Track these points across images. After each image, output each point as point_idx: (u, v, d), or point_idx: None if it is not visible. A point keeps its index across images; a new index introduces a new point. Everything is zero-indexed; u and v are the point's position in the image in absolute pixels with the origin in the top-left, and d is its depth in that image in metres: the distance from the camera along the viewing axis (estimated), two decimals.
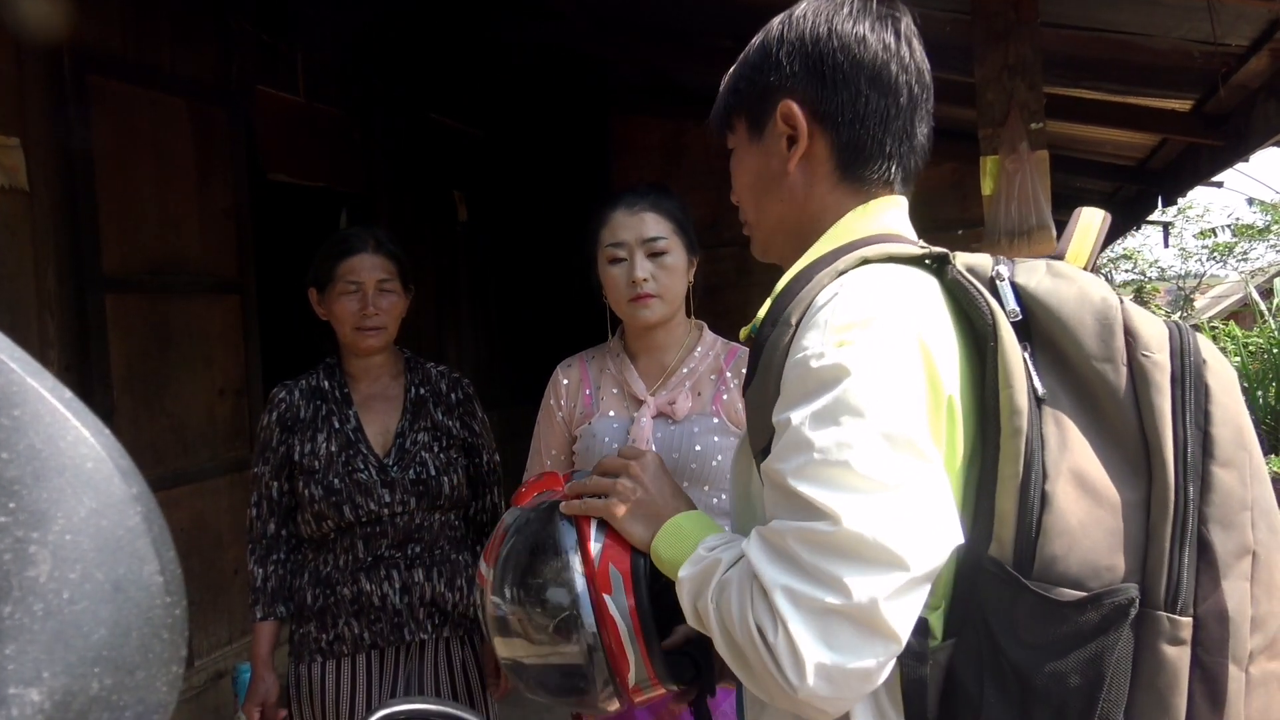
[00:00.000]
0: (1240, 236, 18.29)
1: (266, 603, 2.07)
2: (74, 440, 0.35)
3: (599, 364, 1.96)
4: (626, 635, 1.12)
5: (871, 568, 0.80)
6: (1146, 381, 0.86)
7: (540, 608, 1.16)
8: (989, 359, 0.88)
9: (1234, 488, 0.84)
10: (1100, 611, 0.81)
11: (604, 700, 1.17)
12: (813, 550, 0.82)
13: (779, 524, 0.86)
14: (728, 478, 1.80)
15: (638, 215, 1.84)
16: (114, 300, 3.22)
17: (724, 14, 4.21)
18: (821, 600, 0.81)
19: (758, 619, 0.85)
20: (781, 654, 0.82)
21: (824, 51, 1.03)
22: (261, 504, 2.10)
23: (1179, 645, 0.82)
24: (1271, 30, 3.00)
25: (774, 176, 1.08)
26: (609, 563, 1.13)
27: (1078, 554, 0.82)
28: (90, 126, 3.12)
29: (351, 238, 2.14)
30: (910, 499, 0.82)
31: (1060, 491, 0.83)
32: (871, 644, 0.80)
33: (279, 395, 2.12)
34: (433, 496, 2.07)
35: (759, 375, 0.96)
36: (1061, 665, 0.80)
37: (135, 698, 0.35)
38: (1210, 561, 0.83)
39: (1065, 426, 0.86)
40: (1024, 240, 2.55)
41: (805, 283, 0.96)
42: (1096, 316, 0.88)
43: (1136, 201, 6.11)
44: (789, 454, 0.86)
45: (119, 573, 0.35)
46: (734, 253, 5.74)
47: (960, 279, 0.93)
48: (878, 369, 0.85)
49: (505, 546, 1.23)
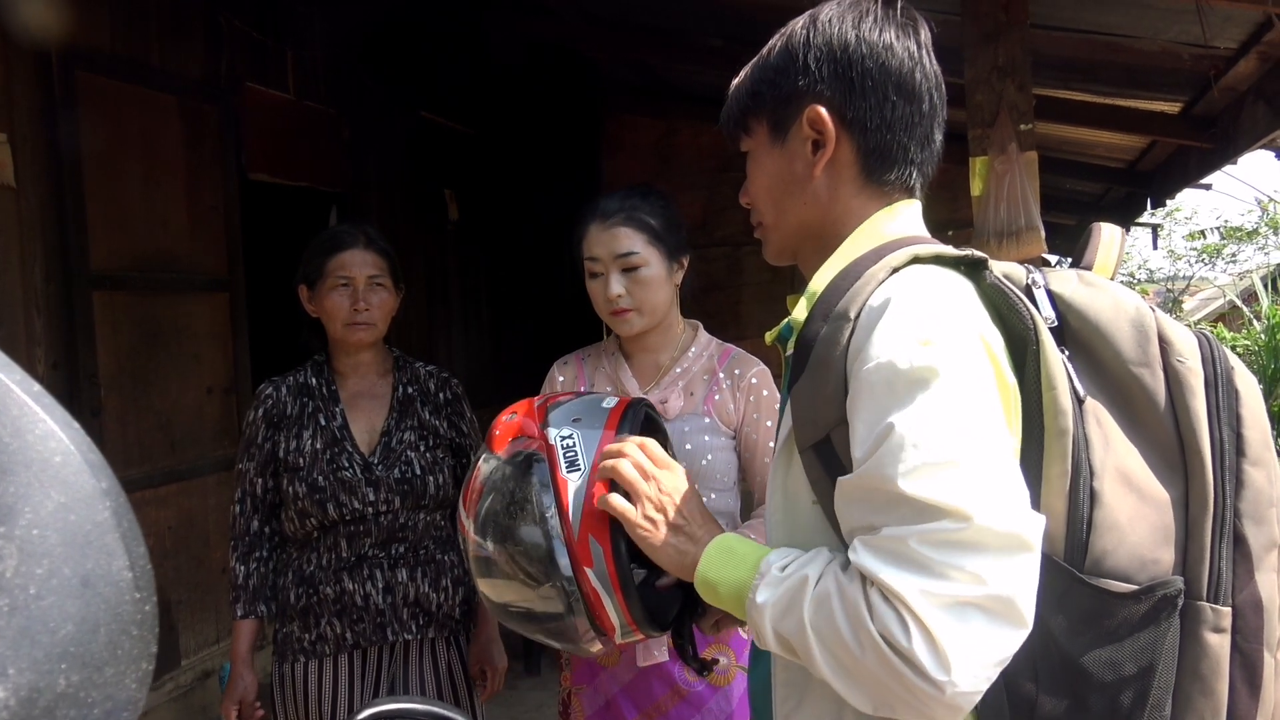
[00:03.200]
0: (1228, 239, 18.36)
1: (248, 601, 2.06)
2: (42, 434, 0.35)
3: (594, 362, 1.96)
4: (609, 602, 1.16)
5: (1005, 556, 0.82)
6: (1182, 386, 0.91)
7: (522, 571, 1.19)
8: (1029, 362, 0.91)
9: (1264, 486, 0.91)
10: (1150, 603, 0.86)
11: (586, 644, 1.23)
12: (943, 550, 0.82)
13: (894, 530, 0.85)
14: (717, 477, 1.81)
15: (610, 230, 1.80)
16: (102, 297, 3.20)
17: (713, 13, 4.22)
18: (960, 596, 0.81)
19: (881, 627, 0.83)
20: (921, 656, 0.81)
21: (853, 58, 1.04)
22: (245, 500, 2.09)
23: (1221, 634, 0.88)
24: (1260, 33, 3.01)
25: (797, 180, 1.08)
26: (588, 534, 1.14)
27: (1126, 548, 0.87)
28: (78, 123, 3.10)
29: (342, 234, 2.12)
30: (1017, 485, 0.85)
31: (1108, 489, 0.88)
32: (1006, 631, 0.82)
33: (266, 391, 2.11)
34: (417, 496, 2.06)
35: (810, 372, 0.96)
36: (1115, 654, 0.85)
37: (104, 694, 0.35)
38: (1245, 554, 0.90)
39: (1107, 426, 0.90)
40: (1012, 241, 2.55)
41: (853, 279, 0.97)
42: (1133, 323, 0.93)
43: (1125, 203, 6.13)
44: (895, 458, 0.85)
45: (87, 568, 0.35)
46: (724, 253, 5.75)
47: (999, 284, 0.95)
48: (964, 367, 0.87)
49: (484, 503, 1.24)
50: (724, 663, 1.82)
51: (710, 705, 1.81)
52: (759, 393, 1.86)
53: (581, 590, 1.16)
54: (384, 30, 4.73)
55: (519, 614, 1.27)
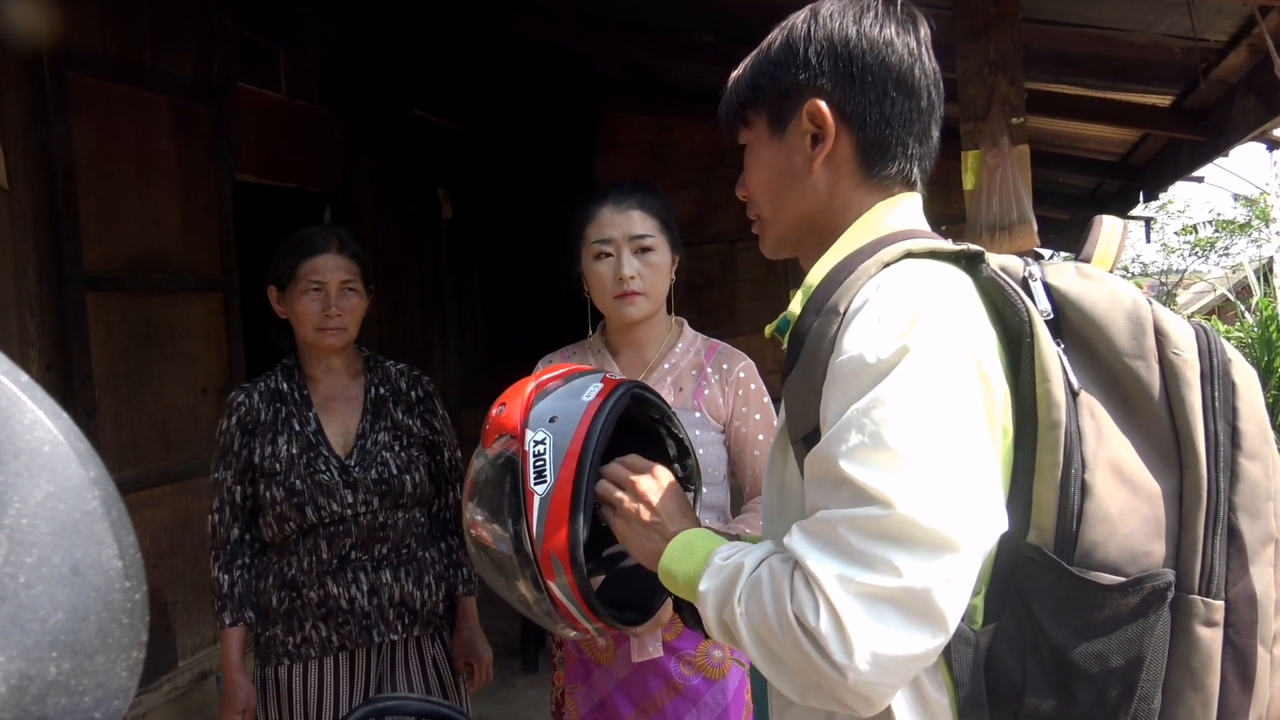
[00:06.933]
0: (1221, 232, 18.41)
1: (234, 609, 2.06)
2: (31, 423, 0.35)
3: (580, 358, 1.96)
4: (575, 609, 1.20)
5: (925, 552, 0.81)
6: (1177, 378, 0.91)
7: (499, 570, 1.24)
8: (1024, 354, 0.91)
9: (1260, 479, 0.91)
10: (1140, 595, 0.86)
11: (563, 630, 1.28)
12: (864, 536, 0.83)
13: (826, 514, 0.86)
14: (707, 471, 1.82)
15: (625, 213, 1.85)
16: (95, 298, 3.19)
17: (705, 11, 4.22)
18: (873, 584, 0.82)
19: (797, 609, 0.85)
20: (828, 638, 0.82)
21: (854, 53, 1.04)
22: (224, 509, 2.09)
23: (1213, 627, 0.87)
24: (1250, 25, 3.01)
25: (795, 173, 1.09)
26: (550, 551, 1.17)
27: (1117, 541, 0.87)
28: (70, 124, 3.09)
29: (314, 237, 2.11)
30: (961, 483, 0.84)
31: (1100, 481, 0.87)
32: (921, 628, 0.82)
33: (238, 399, 2.10)
34: (395, 495, 2.06)
35: (802, 364, 0.97)
36: (1103, 646, 0.85)
37: (94, 682, 0.35)
38: (1239, 548, 0.89)
39: (1100, 419, 0.90)
40: (1005, 235, 2.56)
41: (847, 273, 0.98)
42: (1128, 316, 0.93)
43: (1118, 197, 6.15)
44: (841, 438, 0.86)
45: (77, 557, 0.35)
46: (718, 249, 5.74)
47: (995, 277, 0.96)
48: (934, 363, 0.87)
49: (473, 501, 1.28)
50: (719, 655, 1.83)
51: (706, 699, 1.81)
52: (746, 386, 1.87)
53: (550, 597, 1.21)
54: (377, 29, 4.72)
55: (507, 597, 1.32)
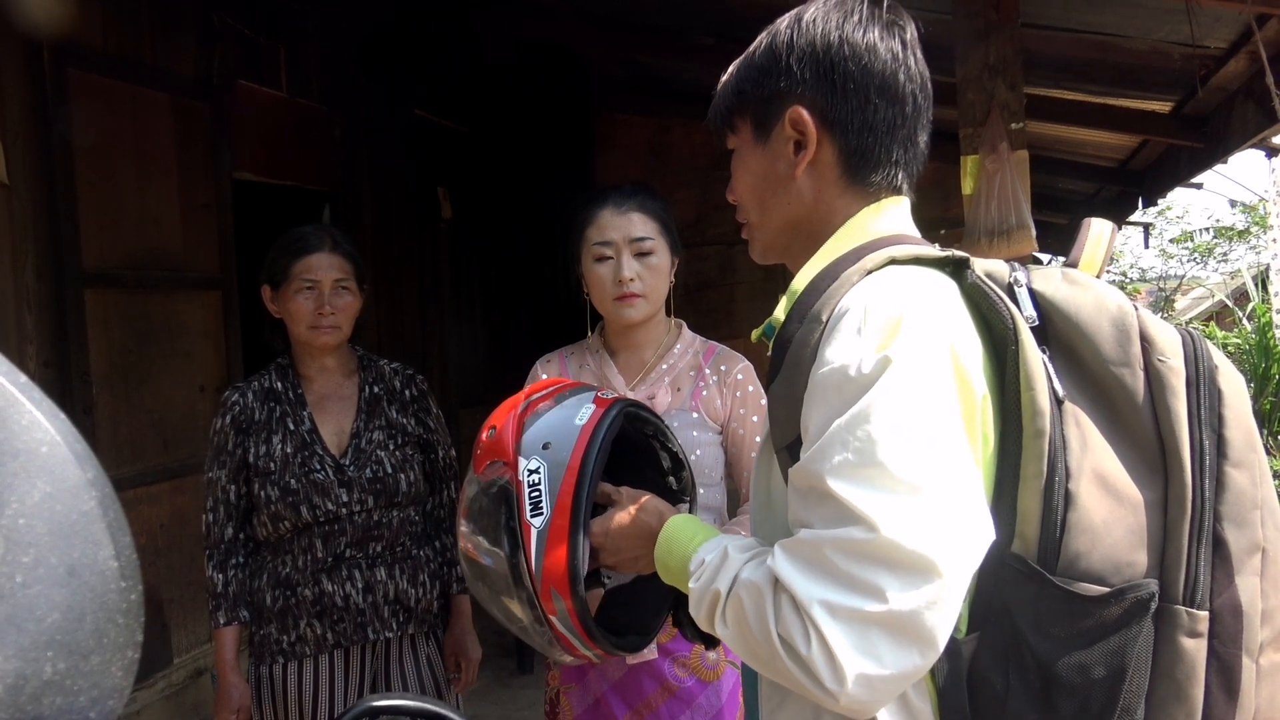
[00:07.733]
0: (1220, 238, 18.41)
1: (229, 608, 2.05)
2: (28, 424, 0.35)
3: (578, 359, 1.96)
4: (573, 637, 1.20)
5: (910, 575, 0.81)
6: (1163, 385, 0.89)
7: (494, 594, 1.24)
8: (1009, 362, 0.90)
9: (1246, 488, 0.89)
10: (1122, 606, 0.85)
11: (559, 656, 1.28)
12: (850, 559, 0.82)
13: (811, 534, 0.86)
14: (704, 472, 1.82)
15: (625, 215, 1.85)
16: (94, 295, 3.19)
17: (705, 11, 4.22)
18: (861, 610, 0.81)
19: (784, 633, 0.85)
20: (818, 665, 0.83)
21: (835, 59, 1.03)
22: (218, 509, 2.08)
23: (1196, 638, 0.86)
24: (1249, 33, 3.02)
25: (780, 179, 1.08)
26: (549, 585, 1.16)
27: (1100, 551, 0.86)
28: (70, 120, 3.09)
29: (308, 236, 2.12)
30: (946, 502, 0.83)
31: (1084, 491, 0.86)
32: (910, 650, 0.82)
33: (232, 398, 2.10)
34: (390, 494, 2.07)
35: (785, 371, 0.96)
36: (1085, 657, 0.84)
37: (90, 682, 0.35)
38: (1225, 558, 0.88)
39: (1085, 427, 0.89)
40: (1004, 240, 2.56)
41: (831, 280, 0.97)
42: (1113, 322, 0.92)
43: (1117, 202, 6.15)
44: (826, 453, 0.86)
45: (73, 557, 0.35)
46: (717, 251, 5.74)
47: (980, 284, 0.95)
48: (915, 373, 0.86)
49: (466, 528, 1.27)
50: (714, 657, 1.83)
51: (700, 701, 1.81)
52: (745, 388, 1.88)
53: (550, 628, 1.20)
54: (377, 28, 4.72)
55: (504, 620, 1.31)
